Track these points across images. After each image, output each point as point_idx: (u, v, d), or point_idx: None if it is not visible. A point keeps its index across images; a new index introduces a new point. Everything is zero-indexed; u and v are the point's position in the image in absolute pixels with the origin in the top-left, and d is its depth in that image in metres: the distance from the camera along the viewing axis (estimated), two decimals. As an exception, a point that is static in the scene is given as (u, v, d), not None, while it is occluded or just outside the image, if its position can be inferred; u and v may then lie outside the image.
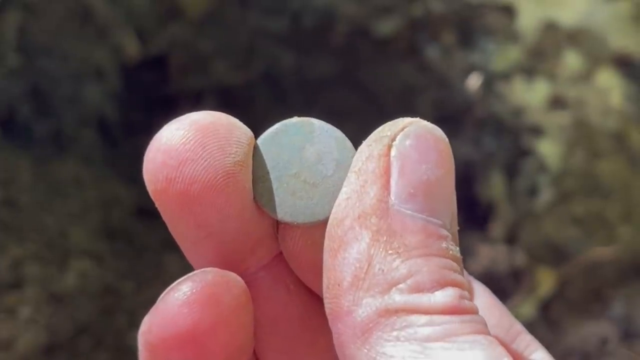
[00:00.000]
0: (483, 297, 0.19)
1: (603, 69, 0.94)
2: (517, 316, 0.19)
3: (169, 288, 0.14)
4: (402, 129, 0.13)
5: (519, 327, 0.18)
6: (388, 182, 0.13)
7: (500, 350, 0.11)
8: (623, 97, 0.92)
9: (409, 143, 0.13)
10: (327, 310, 0.13)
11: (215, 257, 0.15)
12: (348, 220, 0.13)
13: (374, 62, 0.95)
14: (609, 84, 0.93)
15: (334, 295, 0.13)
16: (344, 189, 0.13)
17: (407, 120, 0.14)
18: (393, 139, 0.13)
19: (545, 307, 0.79)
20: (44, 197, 0.69)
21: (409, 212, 0.12)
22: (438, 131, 0.14)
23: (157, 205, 0.15)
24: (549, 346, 0.18)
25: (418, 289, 0.12)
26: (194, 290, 0.13)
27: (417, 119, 0.14)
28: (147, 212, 0.68)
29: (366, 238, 0.12)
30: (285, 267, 0.16)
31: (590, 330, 0.75)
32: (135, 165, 0.15)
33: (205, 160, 0.14)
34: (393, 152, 0.13)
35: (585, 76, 0.94)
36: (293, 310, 0.16)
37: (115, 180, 0.74)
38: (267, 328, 0.16)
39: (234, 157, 0.14)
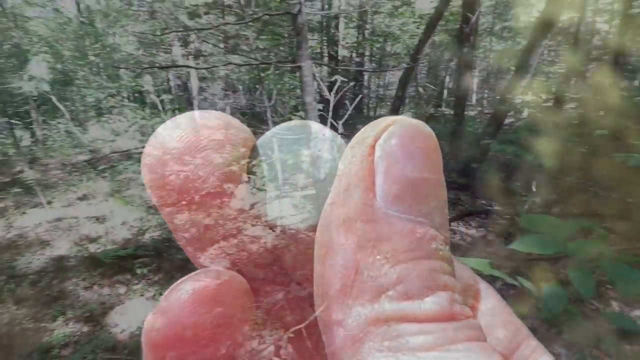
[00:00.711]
0: (490, 301, 0.18)
1: (601, 67, 0.94)
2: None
3: (171, 287, 0.14)
4: (386, 129, 0.13)
5: (525, 331, 0.18)
6: (372, 184, 0.12)
7: (495, 357, 0.11)
8: (620, 96, 0.92)
9: (394, 142, 0.12)
10: (318, 319, 0.13)
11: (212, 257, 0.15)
12: (333, 225, 0.12)
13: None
14: (607, 83, 0.94)
15: (324, 303, 0.12)
16: (330, 194, 0.13)
17: (390, 119, 0.13)
18: (377, 139, 0.13)
19: (544, 306, 0.78)
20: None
21: (396, 214, 0.12)
22: (424, 127, 0.13)
23: (153, 201, 0.15)
24: (547, 345, 0.18)
25: (408, 296, 0.11)
26: (196, 290, 0.13)
27: (401, 117, 0.13)
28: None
29: (352, 244, 0.12)
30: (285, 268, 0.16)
31: (589, 329, 0.75)
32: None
33: (197, 159, 0.14)
34: (378, 153, 0.12)
35: (583, 74, 0.94)
36: (296, 311, 0.16)
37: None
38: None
39: (227, 157, 0.14)
